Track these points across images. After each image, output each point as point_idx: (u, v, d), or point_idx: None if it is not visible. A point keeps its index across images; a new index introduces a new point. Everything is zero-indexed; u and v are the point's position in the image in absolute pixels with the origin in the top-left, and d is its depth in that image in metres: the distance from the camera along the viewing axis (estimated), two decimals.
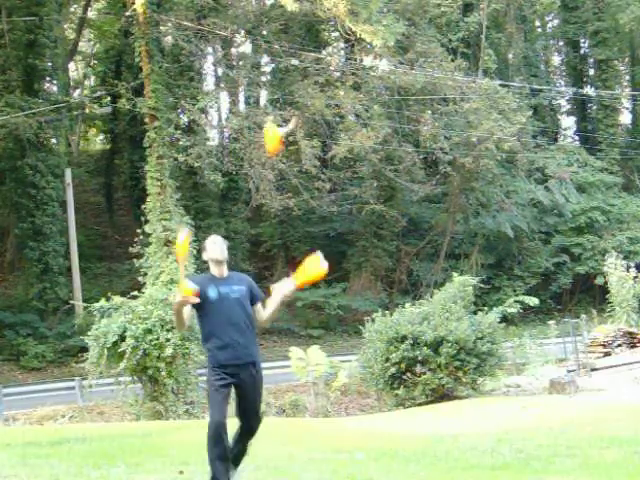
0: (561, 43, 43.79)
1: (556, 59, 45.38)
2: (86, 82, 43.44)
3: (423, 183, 29.44)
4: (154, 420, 12.85)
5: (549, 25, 45.33)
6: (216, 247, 5.22)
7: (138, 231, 19.32)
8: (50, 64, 27.21)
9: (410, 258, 32.06)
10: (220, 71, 28.61)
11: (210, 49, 26.79)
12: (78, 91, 41.88)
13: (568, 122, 43.84)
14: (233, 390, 5.13)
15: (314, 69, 25.81)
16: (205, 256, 5.27)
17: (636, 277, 19.64)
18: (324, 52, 31.46)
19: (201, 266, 22.29)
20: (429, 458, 6.40)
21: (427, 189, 29.23)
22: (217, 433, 4.93)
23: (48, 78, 28.09)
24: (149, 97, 20.26)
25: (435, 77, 26.70)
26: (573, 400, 12.27)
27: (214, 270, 5.25)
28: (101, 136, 43.15)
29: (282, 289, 5.16)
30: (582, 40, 40.28)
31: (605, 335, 16.52)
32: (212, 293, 5.13)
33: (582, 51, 40.68)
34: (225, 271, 5.25)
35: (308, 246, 30.91)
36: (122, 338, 13.09)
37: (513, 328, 23.27)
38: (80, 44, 37.45)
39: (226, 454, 4.99)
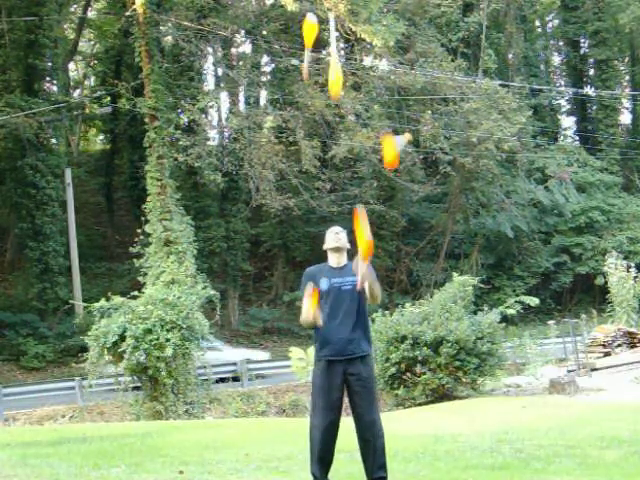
0: (561, 43, 43.86)
1: (556, 59, 45.44)
2: (86, 82, 43.41)
3: (423, 183, 29.44)
4: (154, 420, 12.85)
5: (549, 25, 45.39)
6: (332, 235, 5.07)
7: (138, 231, 19.30)
8: (50, 64, 27.21)
9: (410, 258, 32.07)
10: (220, 71, 28.61)
11: (210, 49, 26.75)
12: (78, 91, 41.85)
13: (568, 122, 43.96)
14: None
15: (314, 69, 25.80)
16: (324, 246, 5.13)
17: (636, 277, 19.64)
18: (324, 52, 31.44)
19: (201, 266, 22.33)
20: (429, 458, 6.40)
21: (427, 189, 29.23)
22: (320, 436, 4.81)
23: (48, 78, 28.05)
24: (149, 97, 20.24)
25: (435, 77, 26.69)
26: (573, 400, 12.27)
27: (331, 259, 5.09)
28: (101, 136, 43.11)
29: (361, 274, 4.77)
30: (582, 40, 40.34)
31: (605, 335, 16.54)
32: (323, 284, 4.97)
33: (582, 51, 40.73)
34: (343, 260, 5.08)
35: (308, 246, 30.94)
36: (122, 338, 13.08)
37: (513, 328, 23.24)
38: (80, 44, 37.43)
39: (327, 460, 4.88)
